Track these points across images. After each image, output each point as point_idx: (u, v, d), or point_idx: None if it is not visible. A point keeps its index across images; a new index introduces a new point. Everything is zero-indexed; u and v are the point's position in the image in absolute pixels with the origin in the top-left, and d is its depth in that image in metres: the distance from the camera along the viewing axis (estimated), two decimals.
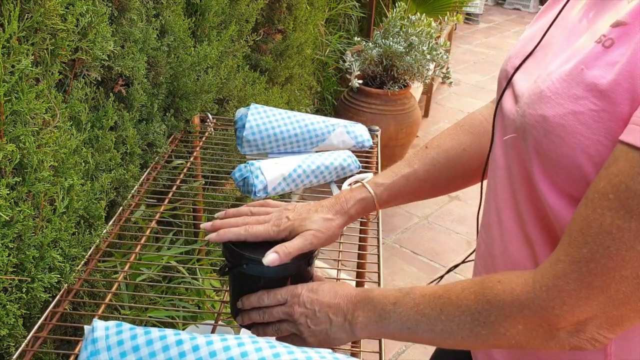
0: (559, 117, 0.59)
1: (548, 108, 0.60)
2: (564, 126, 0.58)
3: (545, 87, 0.61)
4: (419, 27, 3.20)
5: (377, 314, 0.72)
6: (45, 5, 0.90)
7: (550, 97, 0.60)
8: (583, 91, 0.57)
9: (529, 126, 0.63)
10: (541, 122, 0.61)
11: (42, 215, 0.97)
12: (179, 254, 1.61)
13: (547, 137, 0.60)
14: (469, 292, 0.64)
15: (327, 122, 1.48)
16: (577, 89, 0.58)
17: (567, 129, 0.58)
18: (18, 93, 0.87)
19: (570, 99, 0.58)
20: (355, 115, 3.13)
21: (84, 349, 0.76)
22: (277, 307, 0.79)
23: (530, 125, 0.62)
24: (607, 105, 0.56)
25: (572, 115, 0.58)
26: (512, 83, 0.72)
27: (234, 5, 1.80)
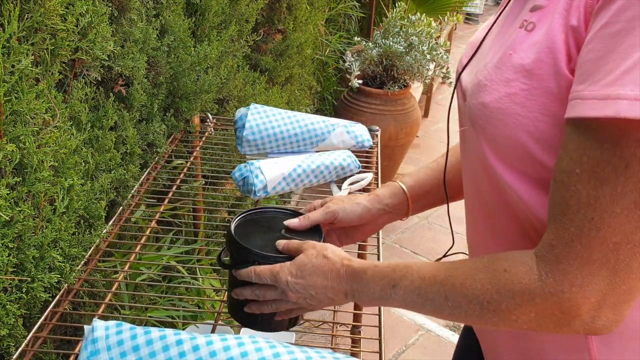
0: (496, 101, 0.63)
1: (486, 95, 0.65)
2: (502, 109, 0.63)
3: (483, 77, 0.66)
4: (419, 27, 3.20)
5: (377, 295, 0.71)
6: (45, 5, 0.90)
7: (487, 84, 0.65)
8: (513, 74, 0.62)
9: (473, 115, 0.67)
10: (482, 109, 0.65)
11: (42, 215, 0.97)
12: (179, 254, 1.61)
13: (489, 122, 0.64)
14: (474, 281, 0.63)
15: (327, 122, 1.48)
16: (508, 72, 0.63)
17: (505, 111, 0.62)
18: (18, 93, 0.87)
19: (503, 83, 0.63)
20: (355, 115, 3.13)
21: (84, 349, 0.76)
22: (269, 291, 0.79)
23: (475, 114, 0.67)
24: (536, 83, 0.60)
25: (507, 98, 0.62)
26: (460, 81, 0.76)
27: (234, 5, 1.80)
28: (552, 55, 0.59)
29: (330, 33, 3.50)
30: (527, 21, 0.63)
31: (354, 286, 0.73)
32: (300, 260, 0.77)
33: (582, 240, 0.54)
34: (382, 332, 0.97)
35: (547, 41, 0.59)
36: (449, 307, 0.65)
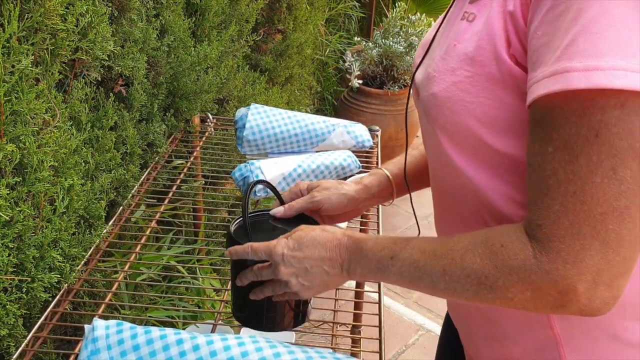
0: (444, 90, 0.66)
1: (434, 85, 0.67)
2: (449, 97, 0.65)
3: (431, 69, 0.69)
4: (419, 27, 3.20)
5: (374, 266, 0.70)
6: (45, 5, 0.90)
7: (435, 76, 0.68)
8: (457, 62, 0.65)
9: (426, 107, 0.70)
10: (432, 100, 0.68)
11: (42, 215, 0.97)
12: (179, 254, 1.61)
13: (439, 111, 0.67)
14: (473, 255, 0.62)
15: (327, 122, 1.48)
16: (453, 62, 0.65)
17: (452, 99, 0.65)
18: (18, 93, 0.87)
19: (449, 72, 0.66)
20: (355, 115, 3.13)
21: (85, 348, 0.76)
22: (265, 269, 0.77)
23: (427, 105, 0.69)
24: (478, 69, 0.62)
25: (454, 86, 0.65)
26: (415, 80, 0.79)
27: (234, 5, 1.80)
28: (491, 42, 0.61)
29: (330, 33, 3.50)
30: (468, 12, 0.66)
31: (352, 257, 0.72)
32: (298, 234, 0.76)
33: (569, 216, 0.54)
34: (382, 332, 0.97)
35: (487, 29, 0.62)
36: (446, 282, 0.64)
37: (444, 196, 0.78)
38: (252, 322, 0.85)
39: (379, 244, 0.71)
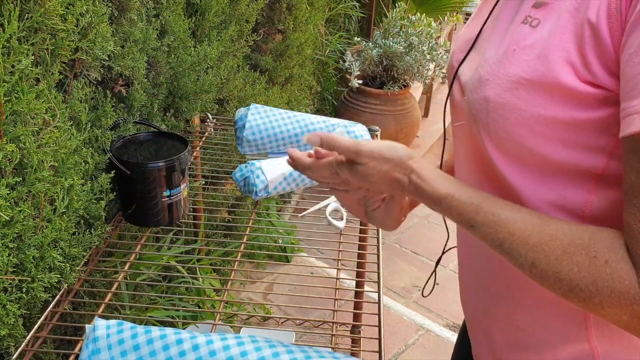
0: (498, 96, 0.63)
1: (487, 89, 0.65)
2: (503, 104, 0.63)
3: (485, 71, 0.66)
4: (419, 27, 3.20)
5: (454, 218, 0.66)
6: (45, 5, 0.91)
7: (489, 79, 0.65)
8: (515, 69, 0.62)
9: (475, 110, 0.67)
10: (484, 104, 0.65)
11: (42, 215, 0.97)
12: (179, 254, 1.62)
13: (490, 116, 0.65)
14: (570, 261, 0.58)
15: (327, 122, 1.49)
16: (511, 68, 0.63)
17: (506, 106, 0.63)
18: (18, 93, 0.87)
19: (505, 77, 0.63)
20: (355, 115, 3.13)
21: (85, 348, 0.76)
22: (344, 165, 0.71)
23: (476, 108, 0.67)
24: (538, 79, 0.60)
25: (509, 93, 0.62)
26: (458, 76, 0.76)
27: (234, 5, 1.80)
28: (557, 53, 0.59)
29: (330, 33, 3.50)
30: (531, 17, 0.63)
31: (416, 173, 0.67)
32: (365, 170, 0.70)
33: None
34: (382, 331, 0.97)
35: (553, 39, 0.59)
36: (532, 273, 0.61)
37: None
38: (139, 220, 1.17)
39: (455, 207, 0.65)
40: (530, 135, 0.62)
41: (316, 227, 1.34)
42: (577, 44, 0.58)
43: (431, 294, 0.98)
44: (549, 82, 0.59)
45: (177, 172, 1.15)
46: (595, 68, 0.57)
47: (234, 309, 2.07)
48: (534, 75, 0.60)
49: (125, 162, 1.11)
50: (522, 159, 0.64)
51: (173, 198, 1.17)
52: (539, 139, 0.61)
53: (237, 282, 2.37)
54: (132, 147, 1.19)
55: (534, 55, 0.61)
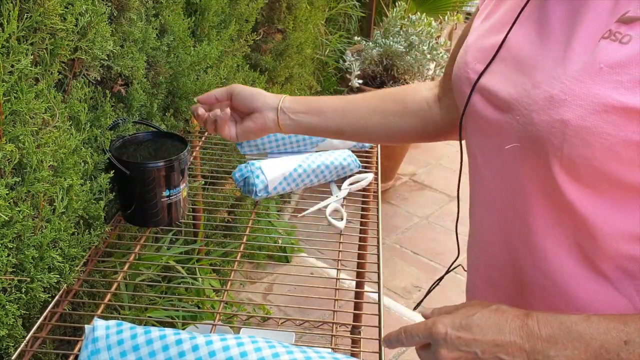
0: (580, 119, 0.57)
1: (565, 111, 0.58)
2: (587, 128, 0.57)
3: (557, 90, 0.59)
4: (419, 26, 3.20)
5: (592, 353, 0.55)
6: (44, 5, 0.90)
7: (566, 100, 0.58)
8: (606, 90, 0.56)
9: (543, 133, 0.60)
10: (560, 127, 0.58)
11: (42, 215, 0.97)
12: (179, 254, 1.61)
13: (567, 140, 0.58)
14: None
15: None
16: (599, 88, 0.57)
17: (591, 130, 0.57)
18: (17, 93, 0.87)
19: (590, 98, 0.57)
20: None
21: (85, 348, 0.76)
22: (424, 351, 0.64)
23: (546, 131, 0.60)
24: (634, 101, 0.54)
25: (596, 115, 0.56)
26: (482, 89, 0.69)
27: (233, 5, 1.80)
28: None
29: (330, 33, 3.49)
30: (622, 33, 0.57)
31: (551, 341, 0.57)
32: (467, 309, 0.62)
33: None
34: (382, 332, 0.97)
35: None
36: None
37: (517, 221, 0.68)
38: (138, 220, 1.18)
39: (597, 324, 0.56)
40: (613, 161, 0.56)
41: (316, 227, 1.34)
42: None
43: (432, 294, 0.97)
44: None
45: (177, 172, 1.14)
46: None
47: (233, 310, 2.07)
48: (630, 98, 0.55)
49: (124, 162, 1.11)
50: (598, 185, 0.59)
51: (172, 198, 1.16)
52: (623, 165, 0.57)
53: (237, 282, 2.37)
54: (132, 147, 1.19)
55: (631, 76, 0.55)
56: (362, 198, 1.43)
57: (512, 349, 0.58)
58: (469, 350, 0.59)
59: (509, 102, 0.64)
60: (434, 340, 0.62)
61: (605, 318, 0.57)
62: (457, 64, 0.77)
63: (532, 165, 0.63)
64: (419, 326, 0.64)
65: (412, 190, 3.27)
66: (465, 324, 0.60)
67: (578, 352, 0.56)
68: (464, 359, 0.60)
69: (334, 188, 1.39)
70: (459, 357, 0.60)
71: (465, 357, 0.60)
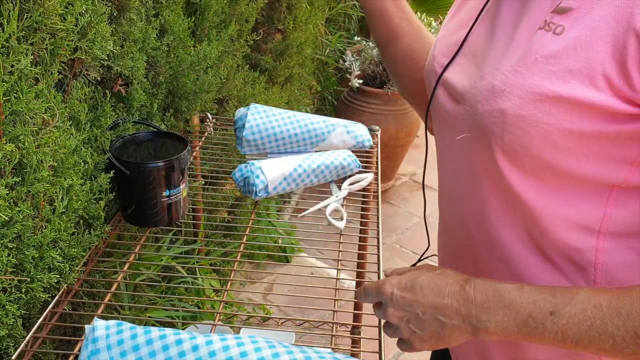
0: (517, 108, 0.59)
1: (504, 101, 0.60)
2: (524, 117, 0.58)
3: (498, 81, 0.61)
4: None
5: (520, 321, 0.58)
6: (44, 5, 0.90)
7: (505, 89, 0.60)
8: (540, 80, 0.57)
9: (486, 123, 0.62)
10: (499, 117, 0.60)
11: (42, 215, 0.97)
12: (179, 254, 1.61)
13: (506, 129, 0.60)
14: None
15: (327, 122, 1.48)
16: (534, 78, 0.58)
17: (527, 119, 0.58)
18: (17, 93, 0.87)
19: (525, 88, 0.58)
20: (355, 115, 3.13)
21: (85, 348, 0.76)
22: (376, 309, 0.69)
23: (488, 121, 0.62)
24: (565, 91, 0.56)
25: (531, 105, 0.58)
26: (444, 82, 0.71)
27: (233, 5, 1.80)
28: (589, 64, 0.54)
29: (330, 33, 3.49)
30: (555, 24, 0.58)
31: (484, 307, 0.59)
32: (413, 272, 0.66)
33: None
34: (382, 332, 0.96)
35: (585, 48, 0.55)
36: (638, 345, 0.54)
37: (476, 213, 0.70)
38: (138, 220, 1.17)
39: (527, 294, 0.58)
40: (551, 149, 0.58)
41: (316, 227, 1.34)
42: (615, 57, 0.53)
43: None
44: (580, 96, 0.55)
45: (177, 172, 1.14)
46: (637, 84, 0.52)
47: (233, 310, 2.07)
48: (563, 88, 0.56)
49: (124, 162, 1.11)
50: (539, 173, 0.60)
51: (172, 198, 1.16)
52: (560, 153, 0.58)
53: (237, 282, 2.37)
54: (132, 147, 1.19)
55: (564, 67, 0.56)
56: (362, 198, 1.43)
57: (449, 311, 0.61)
58: (412, 311, 0.63)
59: (462, 94, 0.66)
60: (383, 299, 0.66)
61: (536, 289, 0.59)
62: (428, 58, 0.79)
63: (479, 154, 0.65)
64: (372, 285, 0.68)
65: (412, 190, 3.27)
66: (410, 286, 0.64)
67: (507, 319, 0.59)
68: (407, 318, 0.64)
69: (334, 188, 1.39)
70: (403, 316, 0.64)
71: (409, 316, 0.64)
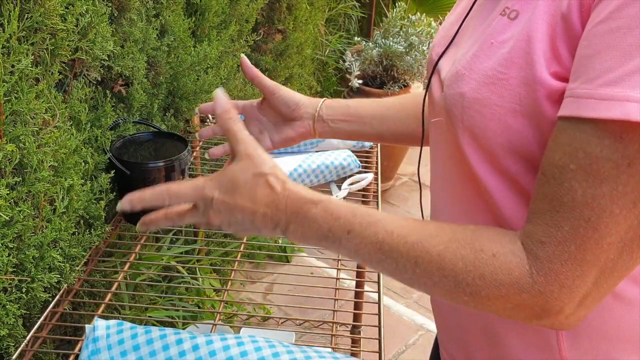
0: (474, 91, 0.60)
1: (463, 84, 0.62)
2: (479, 100, 0.60)
3: (461, 66, 0.63)
4: (419, 27, 3.20)
5: (321, 234, 0.62)
6: (45, 5, 0.90)
7: (465, 74, 0.62)
8: (492, 63, 0.59)
9: (450, 106, 0.64)
10: (459, 100, 0.62)
11: (42, 215, 0.97)
12: (179, 254, 1.62)
13: (465, 112, 0.61)
14: (454, 257, 0.57)
15: None
16: (487, 62, 0.60)
17: (482, 102, 0.60)
18: (18, 93, 0.87)
19: (481, 72, 0.60)
20: None
21: (85, 348, 0.76)
22: (189, 214, 0.68)
23: (452, 104, 0.64)
24: (513, 72, 0.57)
25: (485, 87, 0.59)
26: (438, 70, 0.73)
27: (234, 5, 1.80)
28: (529, 45, 0.56)
29: (330, 33, 3.50)
30: (510, 9, 0.61)
31: (291, 218, 0.63)
32: (232, 172, 0.65)
33: (577, 241, 0.52)
34: (382, 332, 0.97)
35: (527, 29, 0.57)
36: (415, 273, 0.59)
37: (452, 197, 0.73)
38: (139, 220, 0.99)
39: (332, 210, 0.62)
40: (505, 132, 0.59)
41: None
42: (549, 36, 0.56)
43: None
44: (525, 76, 0.57)
45: (177, 172, 1.15)
46: (567, 61, 0.55)
47: (233, 309, 2.07)
48: (508, 67, 0.58)
49: (125, 162, 1.11)
50: (494, 158, 0.61)
51: None
52: (513, 137, 0.59)
53: (237, 282, 2.37)
54: (132, 147, 1.20)
55: (509, 47, 0.58)
56: (362, 198, 1.43)
57: (263, 218, 0.63)
58: (231, 215, 0.64)
59: (443, 81, 0.69)
60: (203, 203, 0.65)
61: (343, 207, 0.63)
62: (430, 47, 0.83)
63: (448, 138, 0.67)
64: (187, 188, 0.66)
65: (412, 190, 3.27)
66: (231, 188, 0.64)
67: (310, 231, 0.62)
68: (228, 221, 0.65)
69: (334, 188, 1.39)
70: (224, 219, 0.65)
71: (228, 219, 0.65)
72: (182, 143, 1.20)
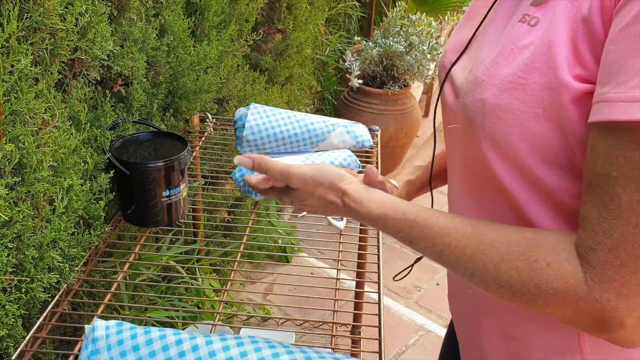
0: (495, 97, 0.61)
1: (484, 91, 0.62)
2: (500, 105, 0.60)
3: (480, 72, 0.64)
4: (419, 26, 3.20)
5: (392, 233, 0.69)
6: (44, 5, 0.90)
7: (485, 80, 0.63)
8: (513, 68, 0.60)
9: (471, 113, 0.65)
10: (480, 106, 0.63)
11: (42, 215, 0.97)
12: (179, 254, 1.61)
13: (487, 119, 0.62)
14: (510, 268, 0.58)
15: (327, 122, 1.48)
16: (508, 67, 0.61)
17: (504, 107, 0.60)
18: (17, 93, 0.87)
19: (502, 78, 0.61)
20: (355, 115, 3.13)
21: (85, 348, 0.76)
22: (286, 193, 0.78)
23: (472, 111, 0.64)
24: (535, 78, 0.58)
25: (506, 93, 0.60)
26: (451, 77, 0.74)
27: (233, 5, 1.80)
28: (550, 49, 0.57)
29: (330, 33, 3.49)
30: (530, 16, 0.61)
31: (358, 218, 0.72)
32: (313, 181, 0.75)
33: (627, 247, 0.52)
34: (382, 332, 0.96)
35: (548, 34, 0.58)
36: (474, 281, 0.62)
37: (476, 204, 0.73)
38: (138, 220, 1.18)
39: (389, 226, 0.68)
40: (527, 136, 0.60)
41: (316, 227, 1.34)
42: (571, 39, 0.56)
43: (432, 294, 0.97)
44: (548, 80, 0.57)
45: (177, 172, 1.14)
46: (589, 64, 0.55)
47: (233, 310, 2.07)
48: (530, 72, 0.58)
49: (124, 162, 1.11)
50: (518, 163, 0.62)
51: (172, 198, 1.16)
52: (536, 143, 0.59)
53: (237, 282, 2.37)
54: (132, 147, 1.19)
55: (530, 53, 0.59)
56: None
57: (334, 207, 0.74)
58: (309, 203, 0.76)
59: (459, 88, 0.69)
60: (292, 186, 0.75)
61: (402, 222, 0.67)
62: (442, 54, 0.83)
63: (469, 145, 0.68)
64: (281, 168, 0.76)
65: None
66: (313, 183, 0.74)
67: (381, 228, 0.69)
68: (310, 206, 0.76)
69: None
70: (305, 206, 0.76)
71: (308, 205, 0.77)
72: (181, 143, 1.19)
